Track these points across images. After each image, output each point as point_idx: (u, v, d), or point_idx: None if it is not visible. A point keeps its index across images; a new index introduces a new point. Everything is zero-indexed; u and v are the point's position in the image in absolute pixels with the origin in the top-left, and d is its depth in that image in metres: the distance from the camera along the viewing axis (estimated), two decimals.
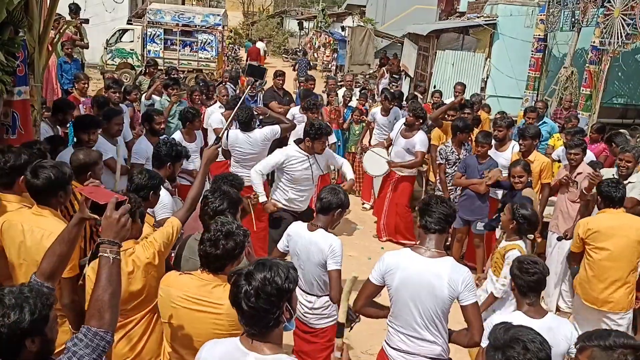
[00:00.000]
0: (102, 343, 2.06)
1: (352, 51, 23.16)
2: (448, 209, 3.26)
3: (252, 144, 6.25)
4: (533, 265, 3.33)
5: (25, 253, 3.11)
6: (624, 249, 4.65)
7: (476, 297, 3.19)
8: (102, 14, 17.15)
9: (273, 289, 2.06)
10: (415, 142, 7.31)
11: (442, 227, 3.25)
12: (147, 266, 3.05)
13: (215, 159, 4.05)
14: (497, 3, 14.75)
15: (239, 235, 2.78)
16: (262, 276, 2.07)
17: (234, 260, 2.80)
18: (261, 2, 50.77)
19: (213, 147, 3.96)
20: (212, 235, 2.76)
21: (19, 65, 4.54)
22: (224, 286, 2.73)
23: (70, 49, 9.65)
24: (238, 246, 2.76)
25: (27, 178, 3.17)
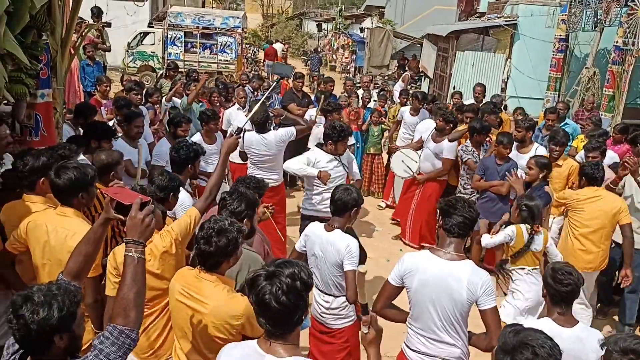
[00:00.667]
0: (128, 341, 2.11)
1: (371, 52, 23.12)
2: (472, 213, 3.22)
3: (267, 145, 6.26)
4: (567, 275, 3.25)
5: (49, 253, 3.16)
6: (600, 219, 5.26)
7: (495, 301, 3.16)
8: (124, 17, 17.36)
9: (301, 284, 2.07)
10: (444, 147, 7.23)
11: (463, 232, 3.21)
12: (164, 254, 3.09)
13: (234, 148, 4.02)
14: (518, 3, 14.62)
15: (232, 232, 2.77)
16: (290, 272, 2.06)
17: (228, 258, 2.80)
18: (280, 4, 50.94)
19: (233, 137, 3.93)
20: (205, 232, 2.77)
21: (42, 69, 4.61)
22: (214, 285, 2.76)
23: (93, 51, 9.78)
24: (231, 243, 2.75)
25: (51, 178, 3.23)
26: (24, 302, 2.01)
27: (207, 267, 2.80)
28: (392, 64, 23.79)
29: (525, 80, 14.12)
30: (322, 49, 35.55)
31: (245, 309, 2.67)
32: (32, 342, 2.02)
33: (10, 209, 3.58)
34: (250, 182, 4.01)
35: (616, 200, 5.31)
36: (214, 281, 2.77)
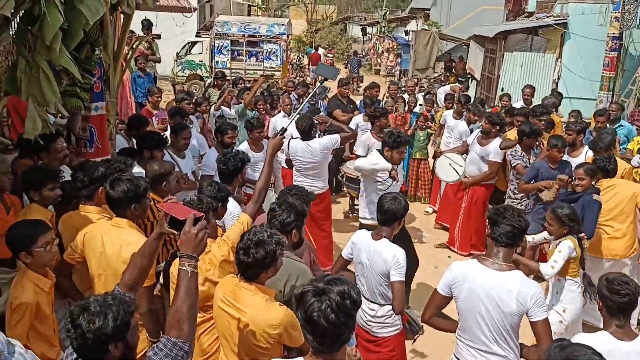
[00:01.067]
0: (181, 353, 2.16)
1: (416, 55, 22.95)
2: (521, 222, 3.14)
3: (312, 152, 6.28)
4: (624, 285, 3.13)
5: (105, 263, 3.27)
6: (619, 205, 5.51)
7: (546, 312, 3.08)
8: (172, 27, 17.79)
9: (351, 303, 2.06)
10: (490, 151, 7.10)
11: (511, 242, 3.14)
12: (223, 263, 3.16)
13: (279, 148, 4.05)
14: (568, 2, 14.23)
15: (270, 245, 2.79)
16: (339, 290, 2.04)
17: (267, 269, 2.82)
18: (324, 9, 51.14)
19: (277, 137, 3.97)
20: (244, 244, 2.80)
21: (95, 82, 4.78)
22: (253, 294, 2.79)
23: (143, 63, 10.06)
24: (268, 255, 2.77)
25: (106, 189, 3.36)
26: (81, 312, 2.09)
27: (246, 277, 2.84)
28: (438, 66, 23.53)
29: (577, 81, 13.72)
30: (366, 53, 35.50)
31: (283, 318, 2.70)
32: (88, 351, 2.10)
33: (68, 220, 3.73)
34: (298, 193, 4.03)
35: (631, 185, 5.68)
36: (252, 290, 2.80)
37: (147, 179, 3.75)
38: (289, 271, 3.23)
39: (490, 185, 7.47)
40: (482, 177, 7.27)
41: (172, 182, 4.45)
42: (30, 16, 3.32)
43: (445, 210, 8.19)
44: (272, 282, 3.21)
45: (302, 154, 6.31)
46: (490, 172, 7.19)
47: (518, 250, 5.43)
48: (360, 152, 7.35)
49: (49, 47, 3.41)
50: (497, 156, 7.09)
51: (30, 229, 3.10)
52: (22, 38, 3.46)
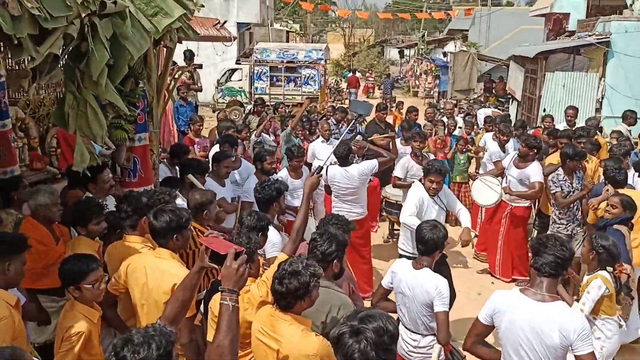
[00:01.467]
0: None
1: (455, 77, 22.84)
2: (565, 252, 3.06)
3: (350, 178, 6.28)
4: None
5: (147, 294, 3.33)
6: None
7: (592, 346, 2.97)
8: (213, 56, 18.31)
9: (389, 337, 2.05)
10: (530, 174, 6.90)
11: (555, 272, 3.06)
12: (261, 304, 3.16)
13: (316, 187, 4.08)
14: (610, 20, 13.95)
15: (304, 276, 2.78)
16: (375, 327, 2.03)
17: (300, 300, 2.80)
18: (362, 33, 51.51)
19: (315, 176, 3.99)
20: (279, 273, 2.81)
21: (139, 114, 4.91)
22: (289, 324, 2.78)
23: (185, 92, 10.31)
24: (302, 286, 2.77)
25: (150, 220, 3.43)
26: (125, 344, 2.12)
27: (281, 307, 2.84)
28: (477, 87, 23.34)
29: (622, 100, 13.35)
30: (404, 75, 35.52)
31: (319, 348, 2.68)
32: None
33: (113, 250, 3.83)
34: (338, 222, 4.03)
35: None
36: (288, 320, 2.80)
37: (189, 210, 3.81)
38: (331, 302, 3.22)
39: (528, 208, 7.31)
40: (529, 195, 7.03)
41: (213, 210, 4.52)
42: (78, 53, 3.45)
43: (484, 238, 8.04)
44: (313, 314, 3.20)
45: (340, 180, 6.31)
46: (538, 190, 6.90)
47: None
48: (399, 174, 7.31)
49: (96, 82, 3.53)
50: (539, 176, 6.87)
51: (82, 265, 3.18)
52: (70, 74, 3.59)
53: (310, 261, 2.95)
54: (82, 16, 3.16)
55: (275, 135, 9.55)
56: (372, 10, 57.41)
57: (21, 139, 5.67)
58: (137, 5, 3.97)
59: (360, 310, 2.18)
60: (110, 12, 3.45)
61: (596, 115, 13.33)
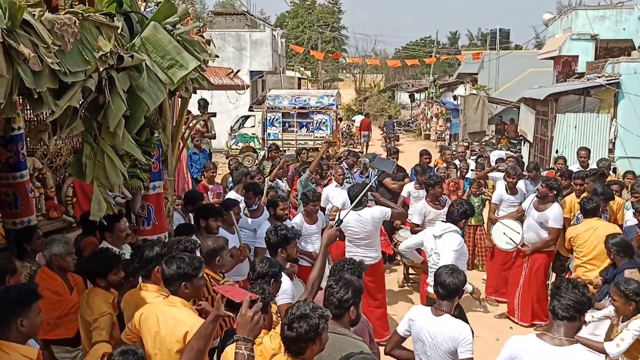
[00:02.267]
0: None
1: (466, 119, 22.98)
2: (580, 296, 3.05)
3: (363, 222, 6.26)
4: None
5: (159, 343, 3.30)
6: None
7: None
8: (226, 103, 18.61)
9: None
10: (549, 216, 6.88)
11: (571, 315, 3.04)
12: (274, 357, 3.11)
13: (334, 240, 4.12)
14: (619, 62, 14.07)
15: (313, 318, 2.75)
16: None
17: (311, 343, 2.76)
18: (372, 78, 52.29)
19: (333, 229, 4.03)
20: (288, 318, 2.79)
21: (154, 163, 4.98)
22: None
23: (200, 140, 10.47)
24: (312, 329, 2.73)
25: (162, 267, 3.44)
26: None
27: (292, 353, 2.80)
28: (489, 130, 23.44)
29: (635, 140, 13.33)
30: (415, 119, 35.79)
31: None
32: None
33: (129, 298, 3.83)
34: (352, 267, 4.02)
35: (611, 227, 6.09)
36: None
37: (201, 259, 3.81)
38: (348, 349, 3.17)
39: (551, 251, 7.21)
40: (543, 244, 7.03)
41: (226, 257, 4.53)
42: (96, 105, 3.54)
43: (494, 282, 7.97)
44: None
45: (354, 225, 6.30)
46: (550, 238, 6.96)
47: None
48: (416, 221, 7.29)
49: (113, 133, 3.61)
50: (557, 222, 6.88)
51: None
52: (88, 125, 3.68)
53: (317, 304, 2.93)
54: (100, 70, 3.26)
55: (292, 180, 9.57)
56: (382, 56, 58.42)
57: (38, 189, 5.77)
58: (153, 58, 4.09)
59: (351, 355, 2.16)
60: (127, 66, 3.56)
61: (609, 155, 13.29)
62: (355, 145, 26.09)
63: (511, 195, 8.02)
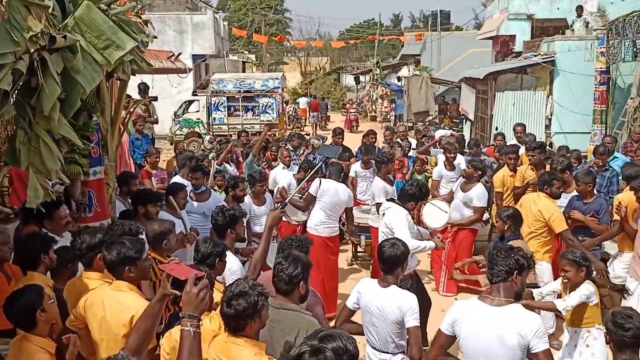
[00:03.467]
0: None
1: (410, 100, 23.32)
2: (509, 260, 3.23)
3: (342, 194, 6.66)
4: (627, 319, 3.14)
5: (106, 328, 3.26)
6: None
7: (547, 343, 3.11)
8: (169, 88, 18.19)
9: (348, 357, 2.03)
10: (473, 196, 7.12)
11: (503, 278, 3.22)
12: (215, 338, 3.11)
13: (279, 222, 4.15)
14: (554, 40, 14.58)
15: (252, 296, 2.77)
16: (335, 347, 2.02)
17: (250, 320, 2.77)
18: (317, 61, 52.20)
19: (278, 211, 4.06)
20: (226, 296, 2.80)
21: (93, 148, 4.85)
22: (242, 348, 2.75)
23: (142, 125, 10.23)
24: (250, 306, 2.74)
25: (103, 254, 3.38)
26: None
27: (231, 330, 2.80)
28: (433, 110, 23.88)
29: (570, 116, 13.90)
30: (361, 100, 36.07)
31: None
32: None
33: (71, 287, 3.74)
34: (299, 243, 4.05)
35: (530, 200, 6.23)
36: (241, 344, 2.76)
37: (143, 240, 3.75)
38: (299, 325, 3.21)
39: (473, 229, 7.45)
40: (468, 222, 7.28)
41: (173, 240, 4.47)
42: (28, 88, 3.42)
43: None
44: (281, 337, 3.19)
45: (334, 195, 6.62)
46: (476, 217, 7.21)
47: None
48: (382, 200, 7.36)
49: (48, 117, 3.50)
50: (481, 201, 7.13)
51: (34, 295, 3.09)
52: (21, 110, 3.54)
53: (257, 282, 2.94)
54: (31, 51, 3.14)
55: (238, 163, 9.54)
56: (327, 39, 58.32)
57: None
58: (88, 38, 3.96)
59: (321, 330, 2.18)
60: (61, 47, 3.44)
61: (546, 131, 13.82)
62: (302, 128, 26.10)
63: (450, 172, 8.24)
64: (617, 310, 3.32)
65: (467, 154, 9.07)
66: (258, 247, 3.94)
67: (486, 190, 7.34)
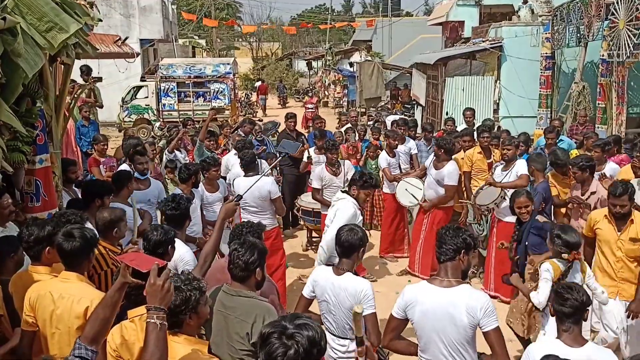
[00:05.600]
0: None
1: (363, 85, 23.40)
2: (456, 238, 3.27)
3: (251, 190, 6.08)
4: (567, 291, 3.28)
5: (57, 321, 3.14)
6: None
7: (497, 321, 3.16)
8: (116, 74, 17.61)
9: (318, 351, 1.97)
10: (444, 174, 7.21)
11: (451, 255, 3.25)
12: None
13: (232, 214, 4.09)
14: (501, 26, 14.89)
15: (184, 291, 2.70)
16: (310, 336, 1.94)
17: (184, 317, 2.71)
18: (269, 46, 51.74)
19: (232, 203, 4.00)
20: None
21: (38, 135, 4.66)
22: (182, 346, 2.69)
23: (88, 111, 9.90)
24: (183, 302, 2.68)
25: (59, 242, 3.24)
26: None
27: (169, 327, 2.65)
28: (384, 95, 24.06)
29: (517, 100, 14.26)
30: (313, 86, 36.01)
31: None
32: None
33: (18, 281, 3.57)
34: (251, 229, 4.02)
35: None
36: (181, 342, 2.71)
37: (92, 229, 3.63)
38: (255, 312, 3.19)
39: (449, 207, 7.56)
40: (439, 201, 7.37)
41: (124, 228, 4.36)
42: None
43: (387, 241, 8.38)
44: (238, 325, 3.15)
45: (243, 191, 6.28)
46: (446, 195, 7.29)
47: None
48: (316, 185, 7.38)
49: None
50: (452, 179, 7.21)
51: None
52: None
53: (192, 276, 2.87)
54: None
55: (187, 151, 9.39)
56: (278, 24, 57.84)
57: None
58: (29, 20, 3.79)
59: (298, 315, 2.11)
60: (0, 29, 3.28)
61: (494, 115, 14.13)
62: (255, 114, 25.89)
63: (392, 158, 8.34)
64: (562, 283, 3.46)
65: (420, 139, 9.19)
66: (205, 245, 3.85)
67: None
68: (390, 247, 8.36)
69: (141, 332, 2.86)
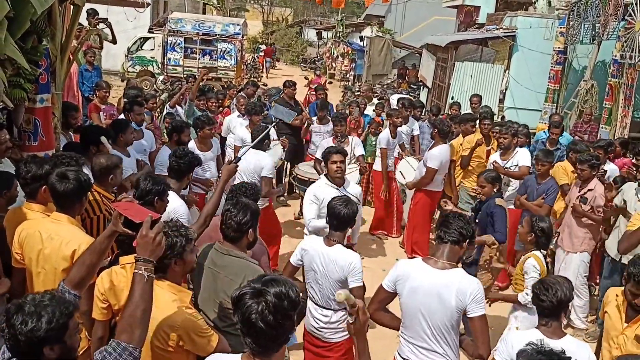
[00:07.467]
0: (130, 358, 2.12)
1: (371, 61, 23.21)
2: (466, 225, 3.27)
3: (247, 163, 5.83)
4: (543, 291, 3.30)
5: (43, 261, 3.15)
6: None
7: (484, 309, 3.19)
8: (124, 22, 17.29)
9: (289, 303, 2.00)
10: (427, 156, 7.15)
11: (456, 239, 3.23)
12: None
13: (233, 175, 4.07)
14: (517, 15, 14.69)
15: (171, 237, 2.72)
16: (276, 291, 1.98)
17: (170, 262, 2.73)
18: (281, 11, 51.12)
19: (232, 165, 3.99)
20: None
21: (41, 74, 4.61)
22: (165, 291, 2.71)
23: (93, 57, 9.76)
24: (168, 247, 2.67)
25: (52, 183, 3.22)
26: (16, 312, 2.02)
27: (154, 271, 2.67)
28: (391, 73, 23.89)
29: (523, 92, 14.16)
30: (320, 57, 35.70)
31: (183, 321, 2.63)
32: (21, 352, 2.03)
33: (12, 217, 3.55)
34: (248, 190, 4.02)
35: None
36: (164, 288, 2.73)
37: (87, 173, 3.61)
38: (245, 272, 3.20)
39: (432, 192, 7.38)
40: (414, 184, 7.34)
41: (119, 175, 4.34)
42: None
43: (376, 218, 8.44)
44: (227, 284, 3.17)
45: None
46: (424, 177, 7.13)
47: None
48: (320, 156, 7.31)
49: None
50: (431, 162, 7.04)
51: None
52: None
53: (180, 224, 2.89)
54: None
55: None
56: None
57: None
58: None
59: (265, 275, 2.15)
60: None
61: (499, 105, 14.07)
62: (260, 79, 25.70)
63: (393, 139, 8.29)
64: (543, 279, 3.48)
65: (424, 120, 9.14)
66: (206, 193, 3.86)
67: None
68: (379, 224, 8.38)
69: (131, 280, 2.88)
